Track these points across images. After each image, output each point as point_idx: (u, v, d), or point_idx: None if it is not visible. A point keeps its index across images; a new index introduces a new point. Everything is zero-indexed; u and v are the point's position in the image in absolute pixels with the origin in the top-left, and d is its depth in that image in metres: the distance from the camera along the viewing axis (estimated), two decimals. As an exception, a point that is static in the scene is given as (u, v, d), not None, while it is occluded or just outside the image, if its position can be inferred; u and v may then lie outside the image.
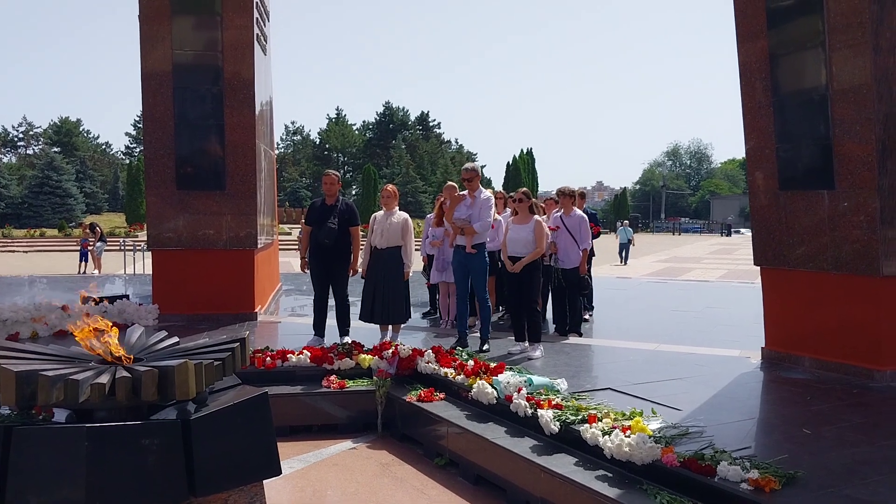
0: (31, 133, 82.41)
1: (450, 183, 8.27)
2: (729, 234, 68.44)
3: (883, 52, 6.16)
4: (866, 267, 6.32)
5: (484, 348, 7.56)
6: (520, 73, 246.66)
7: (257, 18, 10.06)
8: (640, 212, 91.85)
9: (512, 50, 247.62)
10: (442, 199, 9.35)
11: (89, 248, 23.48)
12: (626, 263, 28.58)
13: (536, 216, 7.61)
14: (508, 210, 9.62)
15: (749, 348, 7.70)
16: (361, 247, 8.08)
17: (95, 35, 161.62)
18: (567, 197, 8.79)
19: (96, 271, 22.14)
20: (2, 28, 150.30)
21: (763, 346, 7.37)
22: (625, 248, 29.70)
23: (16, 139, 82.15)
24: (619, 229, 31.55)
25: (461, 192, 8.00)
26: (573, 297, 8.80)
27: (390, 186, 8.27)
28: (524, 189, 7.84)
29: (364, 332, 8.07)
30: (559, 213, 8.84)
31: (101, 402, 3.21)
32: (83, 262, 23.51)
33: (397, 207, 8.08)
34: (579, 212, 8.86)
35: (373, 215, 8.12)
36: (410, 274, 8.00)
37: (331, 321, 8.06)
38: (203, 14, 9.60)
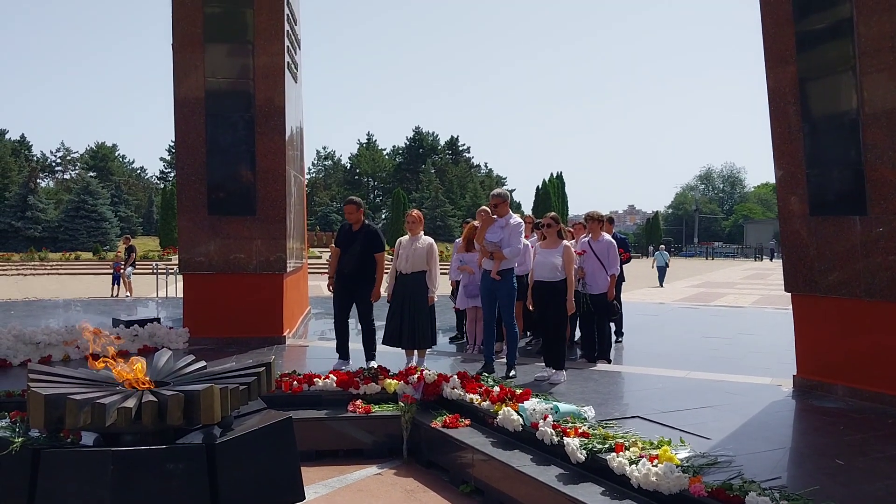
0: (68, 158, 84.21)
1: (483, 207, 8.28)
2: (771, 259, 66.78)
3: (915, 76, 6.09)
4: (901, 294, 6.20)
5: (510, 374, 7.52)
6: (550, 97, 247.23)
7: (288, 46, 10.23)
8: (672, 236, 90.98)
9: (542, 74, 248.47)
10: (470, 224, 9.38)
11: (121, 271, 23.82)
12: (661, 286, 29.52)
13: (565, 241, 7.59)
14: (535, 235, 9.61)
15: (781, 376, 7.57)
16: (387, 271, 8.12)
17: (131, 62, 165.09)
18: (595, 222, 8.76)
19: (128, 295, 22.42)
20: (41, 56, 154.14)
21: (795, 373, 7.25)
22: (662, 271, 30.87)
23: (53, 164, 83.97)
24: (655, 253, 33.48)
25: (493, 216, 7.98)
26: (601, 323, 8.74)
27: (415, 212, 8.31)
28: (552, 214, 7.83)
29: (390, 356, 8.08)
30: (587, 238, 8.81)
31: (127, 426, 3.25)
32: (115, 286, 23.83)
33: (422, 232, 8.13)
34: (607, 236, 8.83)
35: (398, 240, 8.16)
36: (436, 299, 8.02)
37: (357, 345, 8.08)
38: (235, 42, 9.79)
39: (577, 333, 9.63)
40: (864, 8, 6.31)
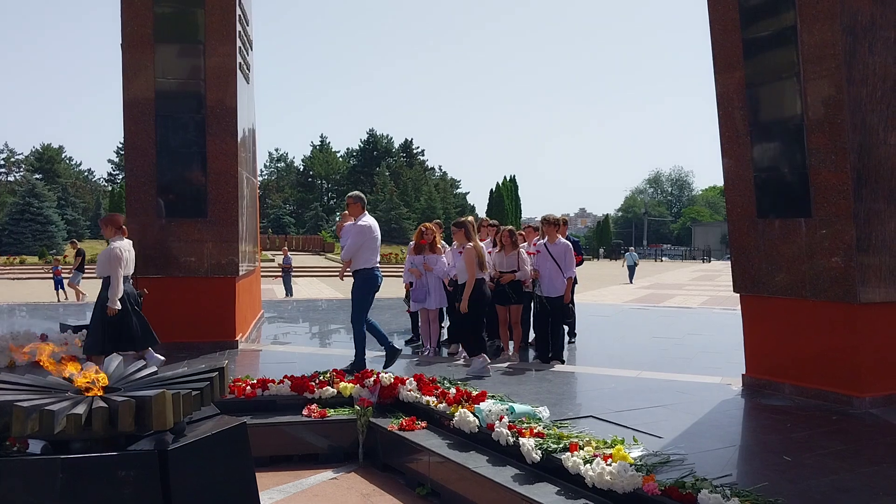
0: (12, 160, 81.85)
1: (344, 213, 8.54)
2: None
3: (856, 82, 6.28)
4: (844, 294, 6.39)
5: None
6: (504, 101, 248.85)
7: (240, 47, 10.12)
8: (622, 238, 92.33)
9: (496, 79, 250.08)
10: (422, 228, 9.48)
11: (62, 275, 23.22)
12: (631, 282, 33.78)
13: (470, 243, 8.01)
14: (489, 238, 9.69)
15: (730, 375, 7.73)
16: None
17: (79, 61, 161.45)
18: (551, 225, 8.80)
19: (78, 299, 21.85)
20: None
21: (744, 373, 7.40)
22: (631, 269, 36.07)
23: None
24: (625, 254, 40.91)
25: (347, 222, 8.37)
26: (556, 325, 8.81)
27: (108, 216, 8.01)
28: (467, 217, 8.15)
29: (346, 360, 8.07)
30: (544, 241, 8.88)
31: (77, 432, 3.17)
32: (59, 290, 23.24)
33: (117, 236, 7.80)
34: (563, 240, 8.91)
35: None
36: (117, 308, 7.51)
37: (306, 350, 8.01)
38: (186, 42, 9.65)
39: (532, 334, 9.71)
40: (807, 16, 6.49)
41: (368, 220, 8.18)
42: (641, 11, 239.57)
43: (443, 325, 9.70)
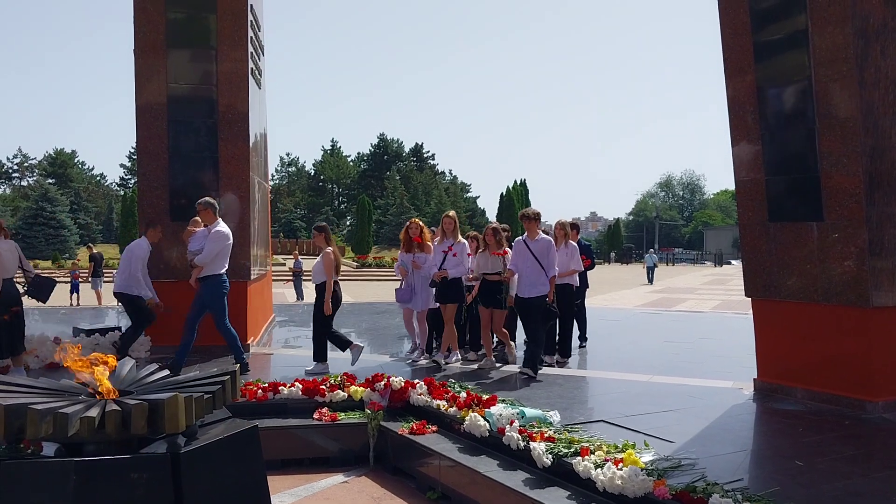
0: (25, 164, 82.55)
1: (194, 219, 8.59)
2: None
3: (868, 85, 6.26)
4: (856, 298, 6.36)
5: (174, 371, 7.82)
6: (515, 105, 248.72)
7: (252, 52, 10.18)
8: (633, 242, 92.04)
9: (507, 83, 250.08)
10: (408, 224, 9.42)
11: (79, 279, 23.32)
12: (651, 283, 35.09)
13: (329, 248, 8.12)
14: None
15: (741, 380, 7.70)
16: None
17: (91, 66, 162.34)
18: (531, 221, 8.28)
19: (97, 303, 21.92)
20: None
21: (755, 377, 7.37)
22: (651, 270, 37.23)
23: (10, 171, 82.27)
24: (646, 255, 41.95)
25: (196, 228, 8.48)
26: (534, 328, 8.26)
27: None
28: (324, 223, 8.51)
29: (357, 364, 8.08)
30: (523, 238, 8.39)
31: (90, 435, 3.19)
32: (74, 294, 23.32)
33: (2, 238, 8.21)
34: (545, 236, 8.42)
35: None
36: None
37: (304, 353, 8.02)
38: (198, 48, 9.71)
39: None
40: (819, 20, 6.47)
41: (223, 226, 8.23)
42: (649, 23, 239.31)
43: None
